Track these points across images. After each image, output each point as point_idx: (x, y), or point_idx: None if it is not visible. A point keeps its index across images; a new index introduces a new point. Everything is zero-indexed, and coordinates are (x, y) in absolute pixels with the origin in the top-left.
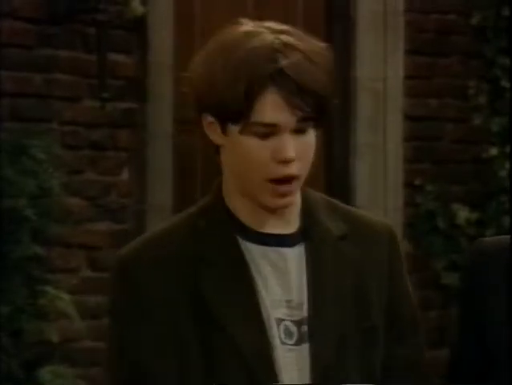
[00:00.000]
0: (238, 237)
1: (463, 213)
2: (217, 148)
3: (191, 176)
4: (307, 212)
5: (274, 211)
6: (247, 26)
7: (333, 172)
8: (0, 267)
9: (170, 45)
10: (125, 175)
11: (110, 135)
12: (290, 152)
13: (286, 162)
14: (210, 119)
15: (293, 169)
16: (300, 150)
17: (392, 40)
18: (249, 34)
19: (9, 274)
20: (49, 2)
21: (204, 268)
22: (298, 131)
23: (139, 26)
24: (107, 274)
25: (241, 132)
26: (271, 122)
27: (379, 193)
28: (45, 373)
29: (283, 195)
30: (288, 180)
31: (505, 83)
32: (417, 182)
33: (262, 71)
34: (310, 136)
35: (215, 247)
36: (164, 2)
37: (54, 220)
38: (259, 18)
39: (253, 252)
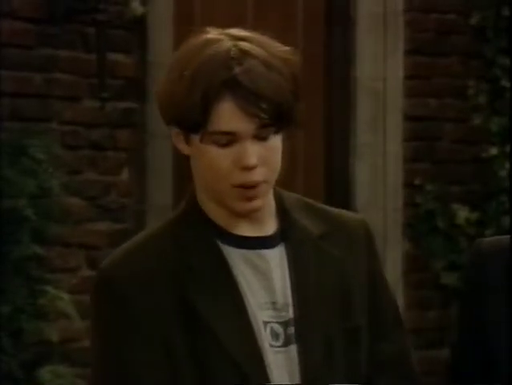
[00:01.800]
0: (218, 242)
1: (463, 213)
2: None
3: (191, 176)
4: (283, 213)
5: (246, 215)
6: (210, 34)
7: (333, 172)
8: (0, 267)
9: (170, 45)
10: (125, 175)
11: (110, 135)
12: (251, 160)
13: (248, 169)
14: (175, 130)
15: (256, 176)
16: (263, 156)
17: (391, 40)
18: (208, 43)
19: (9, 274)
20: (49, 2)
21: (188, 275)
22: (260, 137)
23: (138, 26)
24: None
25: (201, 141)
26: (228, 130)
27: (379, 193)
28: (44, 373)
29: (250, 198)
30: (253, 185)
31: (505, 83)
32: (417, 182)
33: (216, 79)
34: (274, 142)
35: (197, 254)
36: (164, 1)
37: (53, 220)
38: (259, 18)
39: (235, 256)
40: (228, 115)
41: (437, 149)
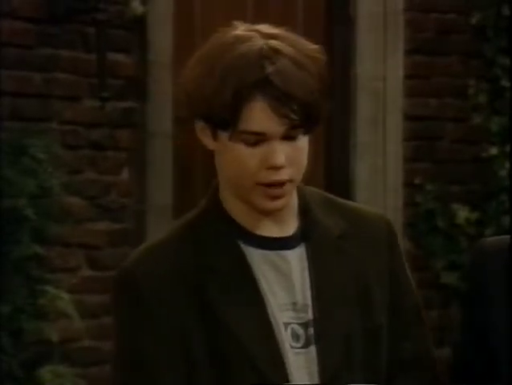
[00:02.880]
0: (240, 242)
1: (463, 213)
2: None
3: (191, 175)
4: (305, 211)
5: (269, 213)
6: (239, 29)
7: (333, 172)
8: (0, 267)
9: (170, 44)
10: (125, 174)
11: (110, 135)
12: (279, 160)
13: (275, 169)
14: (202, 124)
15: (283, 175)
16: (291, 156)
17: (391, 40)
18: (239, 39)
19: (9, 274)
20: (49, 1)
21: (209, 275)
22: (288, 137)
23: (139, 26)
24: (107, 274)
25: (230, 139)
26: (258, 131)
27: (379, 193)
28: (45, 372)
29: (275, 197)
30: (279, 184)
31: (505, 83)
32: (417, 182)
33: (248, 79)
34: (301, 142)
35: (218, 254)
36: (164, 1)
37: (53, 219)
38: (259, 18)
39: (256, 256)
40: (259, 116)
41: (437, 149)
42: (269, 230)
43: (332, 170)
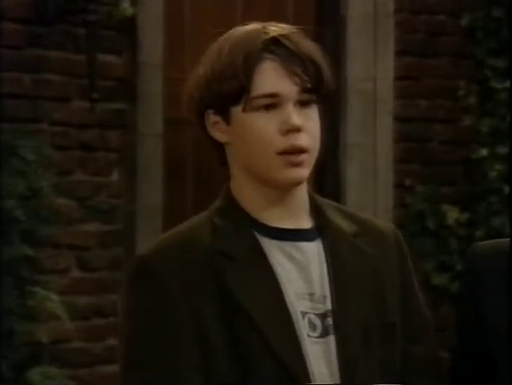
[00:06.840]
0: (255, 233)
1: (453, 214)
2: (222, 155)
3: (181, 176)
4: (317, 212)
5: (291, 186)
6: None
7: (323, 173)
8: None
9: (160, 45)
10: (115, 175)
11: (100, 136)
12: (296, 120)
13: (293, 132)
14: (213, 117)
15: (301, 140)
16: (306, 122)
17: (382, 41)
18: (238, 28)
19: None
20: (38, 2)
21: (227, 263)
22: (302, 103)
23: (129, 27)
24: (97, 275)
25: (244, 110)
26: (272, 92)
27: (370, 194)
28: (34, 374)
29: (296, 164)
30: (298, 150)
31: (494, 84)
32: (407, 183)
33: (257, 42)
34: (313, 112)
35: (236, 243)
36: (154, 2)
37: (43, 221)
38: (248, 19)
39: (272, 246)
40: (271, 76)
41: (427, 150)
42: (283, 223)
43: (323, 171)
